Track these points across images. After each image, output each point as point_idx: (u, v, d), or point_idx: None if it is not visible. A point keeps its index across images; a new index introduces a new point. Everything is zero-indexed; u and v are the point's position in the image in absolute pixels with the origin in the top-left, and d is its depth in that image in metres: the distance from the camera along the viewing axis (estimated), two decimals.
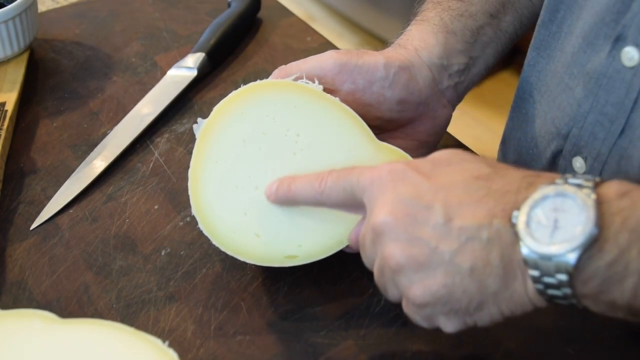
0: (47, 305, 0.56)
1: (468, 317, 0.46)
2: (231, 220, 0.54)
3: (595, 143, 0.57)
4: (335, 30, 2.53)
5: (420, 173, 0.46)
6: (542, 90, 0.64)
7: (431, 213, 0.44)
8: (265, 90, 0.56)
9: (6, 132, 0.69)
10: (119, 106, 0.75)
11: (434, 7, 0.64)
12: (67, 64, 0.81)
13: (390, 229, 0.45)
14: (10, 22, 0.75)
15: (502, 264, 0.43)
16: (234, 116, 0.56)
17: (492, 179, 0.45)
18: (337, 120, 0.55)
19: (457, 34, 0.62)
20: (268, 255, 0.54)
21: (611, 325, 0.53)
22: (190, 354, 0.52)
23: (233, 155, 0.55)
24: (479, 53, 0.64)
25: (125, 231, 0.62)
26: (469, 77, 0.63)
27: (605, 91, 0.55)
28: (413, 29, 0.63)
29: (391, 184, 0.46)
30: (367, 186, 0.48)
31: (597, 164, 0.57)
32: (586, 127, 0.57)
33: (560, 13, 0.60)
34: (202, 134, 0.56)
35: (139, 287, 0.57)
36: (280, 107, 0.56)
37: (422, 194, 0.45)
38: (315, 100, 0.56)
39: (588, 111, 0.57)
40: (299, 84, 0.56)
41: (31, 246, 0.61)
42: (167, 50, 0.83)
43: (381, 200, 0.46)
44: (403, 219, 0.45)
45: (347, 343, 0.53)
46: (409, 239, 0.45)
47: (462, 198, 0.44)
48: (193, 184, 0.55)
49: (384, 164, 0.48)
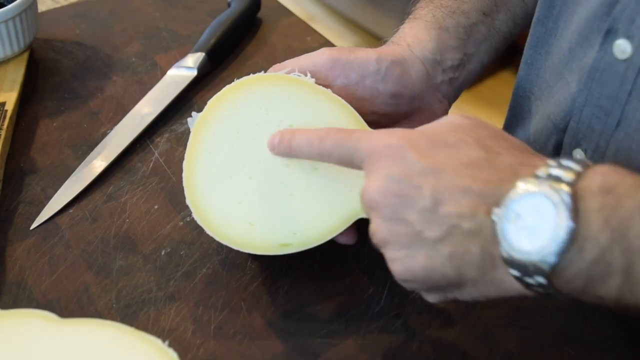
0: (47, 305, 0.56)
1: (449, 294, 0.47)
2: (225, 210, 0.55)
3: (592, 135, 0.57)
4: (335, 30, 2.53)
5: (416, 151, 0.46)
6: (542, 86, 0.64)
7: (419, 196, 0.45)
8: (258, 83, 0.57)
9: (6, 132, 0.69)
10: (119, 106, 0.75)
11: (427, 5, 0.65)
12: (67, 64, 0.81)
13: (379, 206, 0.46)
14: (10, 22, 0.75)
15: (481, 255, 0.43)
16: (228, 109, 0.56)
17: (481, 166, 0.45)
18: (329, 110, 0.56)
19: (449, 30, 0.63)
20: (262, 243, 0.54)
21: (611, 325, 0.53)
22: (190, 354, 0.52)
23: (227, 147, 0.56)
24: (473, 50, 0.64)
25: (125, 231, 0.62)
26: (464, 74, 0.64)
27: (599, 84, 0.55)
28: (406, 27, 0.64)
29: (386, 161, 0.46)
30: (364, 157, 0.48)
31: (597, 156, 0.58)
32: (583, 120, 0.58)
33: (555, 9, 0.61)
34: (197, 127, 0.57)
35: (139, 287, 0.57)
36: (273, 99, 0.56)
37: (413, 175, 0.45)
38: (307, 92, 0.56)
39: (583, 104, 0.57)
40: (291, 76, 0.57)
41: (31, 246, 0.61)
42: (167, 50, 0.83)
43: (375, 176, 0.47)
44: (392, 198, 0.45)
45: (347, 343, 0.53)
46: (396, 218, 0.45)
47: (450, 184, 0.44)
48: (187, 175, 0.56)
49: (382, 135, 0.48)
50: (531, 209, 0.41)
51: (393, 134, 0.48)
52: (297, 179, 0.55)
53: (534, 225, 0.41)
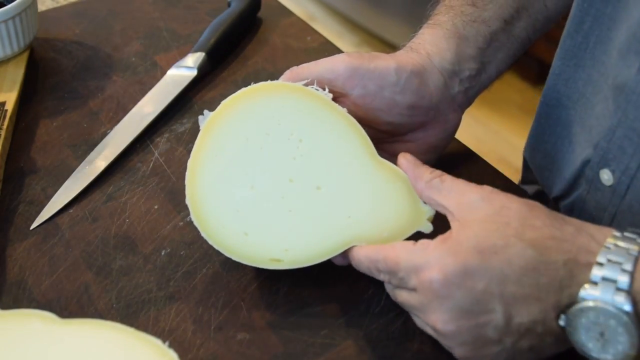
0: (47, 305, 0.56)
1: None
2: (222, 216, 0.54)
3: (623, 157, 0.57)
4: (335, 30, 2.53)
5: (470, 276, 0.46)
6: (573, 97, 0.64)
7: (492, 316, 0.46)
8: (274, 91, 0.56)
9: (6, 132, 0.69)
10: (119, 106, 0.75)
11: (447, 12, 0.63)
12: (67, 64, 0.81)
13: (455, 336, 0.47)
14: (10, 22, 0.75)
15: (556, 342, 0.47)
16: (240, 113, 0.56)
17: (537, 269, 0.45)
18: (341, 132, 0.55)
19: (469, 39, 0.62)
20: (254, 255, 0.54)
21: None
22: (190, 354, 0.52)
23: (233, 151, 0.55)
24: (491, 58, 0.63)
25: (125, 231, 0.62)
26: (479, 82, 0.63)
27: (634, 107, 0.55)
28: (425, 33, 0.63)
29: (446, 291, 0.47)
30: (418, 288, 0.48)
31: (625, 178, 0.58)
32: (614, 141, 0.58)
33: (586, 24, 0.61)
34: (207, 126, 0.56)
35: (139, 287, 0.57)
36: (287, 111, 0.56)
37: (479, 298, 0.46)
38: (322, 109, 0.56)
39: (617, 125, 0.57)
40: (308, 89, 0.56)
41: (31, 246, 0.61)
42: (167, 50, 0.83)
43: (440, 310, 0.47)
44: (467, 328, 0.47)
45: (347, 343, 0.53)
46: (474, 340, 0.47)
47: (516, 296, 0.46)
48: (190, 174, 0.55)
49: (433, 263, 0.47)
50: (597, 322, 0.44)
51: (443, 260, 0.47)
52: (299, 196, 0.54)
53: (604, 337, 0.44)
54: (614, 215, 0.60)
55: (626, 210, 0.59)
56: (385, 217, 0.54)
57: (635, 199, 0.58)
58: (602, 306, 0.44)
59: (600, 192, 0.61)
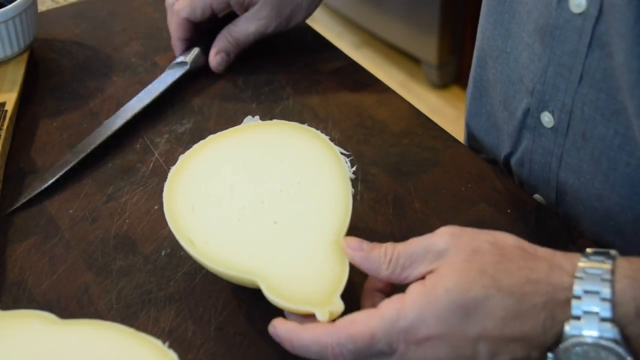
0: (47, 306, 0.56)
1: None
2: (204, 237, 0.53)
3: (558, 95, 0.59)
4: (335, 30, 2.53)
5: (453, 332, 0.45)
6: (494, 55, 0.66)
7: (477, 357, 0.45)
8: (274, 126, 0.59)
9: (6, 132, 0.69)
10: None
11: None
12: (67, 64, 0.81)
13: None
14: (10, 22, 0.75)
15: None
16: (230, 140, 0.58)
17: (519, 316, 0.44)
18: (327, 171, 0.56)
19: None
20: None
21: None
22: (190, 354, 0.52)
23: (220, 180, 0.56)
24: None
25: (125, 231, 0.62)
26: None
27: (559, 42, 0.57)
28: None
29: (431, 345, 0.45)
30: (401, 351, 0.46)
31: (564, 115, 0.59)
32: (548, 81, 0.59)
33: None
34: (203, 144, 0.57)
35: (139, 287, 0.57)
36: (274, 141, 0.58)
37: (462, 350, 0.45)
38: (317, 146, 0.57)
39: (547, 64, 0.59)
40: (304, 127, 0.58)
41: (31, 246, 0.61)
42: (167, 50, 0.83)
43: None
44: None
45: None
46: None
47: (499, 338, 0.44)
48: (168, 192, 0.56)
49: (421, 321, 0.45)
50: (587, 356, 0.43)
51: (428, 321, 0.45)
52: (282, 240, 0.52)
53: None
54: (561, 156, 0.62)
55: (571, 148, 0.61)
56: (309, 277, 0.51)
57: (578, 133, 0.59)
58: (590, 340, 0.43)
59: (545, 137, 0.63)
